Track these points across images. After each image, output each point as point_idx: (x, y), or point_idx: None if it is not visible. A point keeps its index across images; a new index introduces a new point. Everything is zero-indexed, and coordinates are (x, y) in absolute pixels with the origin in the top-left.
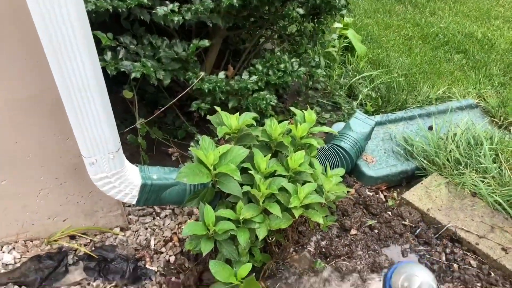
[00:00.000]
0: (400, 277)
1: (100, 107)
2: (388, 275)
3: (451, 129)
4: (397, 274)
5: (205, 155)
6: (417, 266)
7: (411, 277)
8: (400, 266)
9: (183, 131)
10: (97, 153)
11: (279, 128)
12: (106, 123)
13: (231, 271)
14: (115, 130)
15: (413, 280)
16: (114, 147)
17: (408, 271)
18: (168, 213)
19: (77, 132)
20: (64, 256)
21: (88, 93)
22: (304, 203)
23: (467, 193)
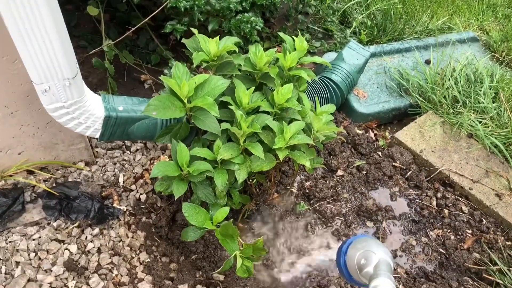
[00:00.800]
0: (356, 252)
1: (50, 25)
2: (343, 249)
3: (449, 64)
4: (354, 249)
5: (178, 85)
6: (374, 242)
7: (368, 254)
8: (356, 240)
9: (157, 55)
10: (50, 79)
11: (265, 57)
12: (59, 45)
13: (206, 215)
14: (71, 53)
15: (370, 257)
16: (70, 72)
17: (365, 247)
18: (140, 147)
19: (24, 54)
20: (20, 193)
21: (35, 8)
22: (290, 143)
23: (463, 134)
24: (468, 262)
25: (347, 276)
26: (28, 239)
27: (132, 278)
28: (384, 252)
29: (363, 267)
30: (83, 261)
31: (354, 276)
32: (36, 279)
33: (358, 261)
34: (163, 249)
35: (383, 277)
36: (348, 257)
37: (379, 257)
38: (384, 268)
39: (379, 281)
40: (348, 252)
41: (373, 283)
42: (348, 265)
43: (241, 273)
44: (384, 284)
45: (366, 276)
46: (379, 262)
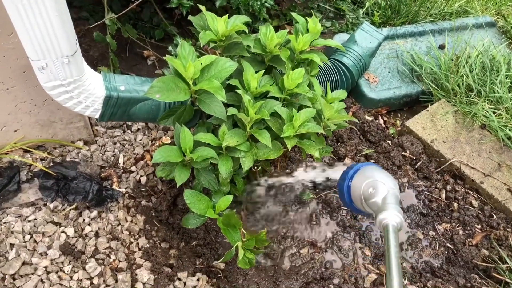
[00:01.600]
0: (364, 180)
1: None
2: (349, 173)
3: (465, 50)
4: (361, 176)
5: (183, 66)
6: (383, 172)
7: (377, 183)
8: (365, 168)
9: (161, 30)
10: (47, 56)
11: (276, 38)
12: (57, 19)
13: (209, 203)
14: (70, 27)
15: (379, 187)
16: (69, 49)
17: (375, 177)
18: (141, 126)
19: (19, 28)
20: (16, 172)
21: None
22: (299, 132)
23: (476, 125)
24: (477, 258)
25: (348, 201)
26: (23, 221)
27: (130, 264)
28: (393, 184)
29: (370, 197)
30: (80, 245)
31: (357, 203)
32: (31, 262)
33: (365, 190)
34: (162, 234)
35: (392, 210)
36: (354, 183)
37: (388, 188)
38: (393, 200)
39: (388, 213)
40: (354, 178)
41: (382, 215)
42: (352, 191)
43: (243, 264)
44: (393, 217)
45: (373, 206)
46: (388, 194)
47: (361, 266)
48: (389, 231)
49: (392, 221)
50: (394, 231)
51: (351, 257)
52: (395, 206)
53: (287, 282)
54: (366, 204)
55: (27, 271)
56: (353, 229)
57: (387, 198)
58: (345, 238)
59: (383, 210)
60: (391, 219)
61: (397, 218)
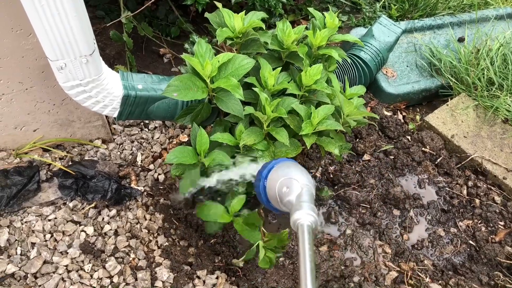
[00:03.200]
0: (278, 179)
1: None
2: (263, 173)
3: (485, 43)
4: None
5: (201, 64)
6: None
7: (290, 181)
8: (278, 166)
9: (177, 28)
10: (66, 56)
11: (293, 34)
12: (76, 19)
13: (221, 209)
14: (88, 27)
15: (292, 185)
16: (87, 49)
17: (288, 174)
18: (158, 124)
19: (38, 28)
20: (36, 172)
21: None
22: (318, 129)
23: (498, 119)
24: (500, 256)
25: (265, 202)
26: (43, 220)
27: (149, 262)
28: (308, 180)
29: (284, 196)
30: (99, 244)
31: (274, 203)
32: (52, 261)
33: (279, 189)
34: (181, 232)
35: (305, 209)
36: (269, 182)
37: (301, 185)
38: (307, 198)
39: (301, 213)
40: (269, 177)
41: (295, 215)
42: (268, 190)
43: (263, 264)
44: (307, 217)
45: (288, 205)
46: (302, 191)
47: (381, 263)
48: (303, 232)
49: (306, 221)
50: (308, 232)
51: (371, 254)
52: (309, 205)
53: None
54: (282, 204)
55: (48, 269)
56: (372, 226)
57: (301, 196)
58: (365, 236)
59: (297, 210)
60: (305, 218)
61: (311, 217)
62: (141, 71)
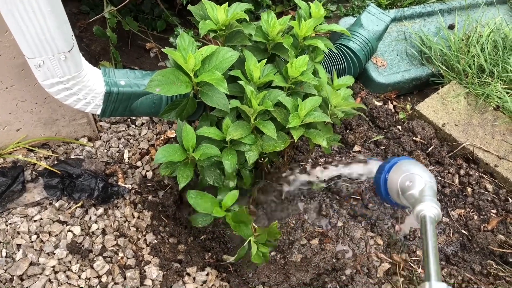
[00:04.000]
0: (401, 174)
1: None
2: (386, 167)
3: (475, 29)
4: (398, 170)
5: (183, 57)
6: (420, 166)
7: (414, 176)
8: (401, 162)
9: (163, 22)
10: (43, 53)
11: (278, 25)
12: (50, 13)
13: (214, 201)
14: (65, 22)
15: (416, 180)
16: (65, 46)
17: (411, 170)
18: (145, 120)
19: (12, 25)
20: (20, 172)
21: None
22: (305, 121)
23: (489, 107)
24: (492, 244)
25: (384, 194)
26: (29, 221)
27: (138, 260)
28: (430, 177)
29: (407, 189)
30: (87, 243)
31: (393, 195)
32: (38, 262)
33: (402, 183)
34: (170, 230)
35: (429, 201)
36: (391, 176)
37: (425, 181)
38: (430, 193)
39: (425, 205)
40: (391, 171)
41: (419, 206)
42: (389, 184)
43: (257, 259)
44: (431, 209)
45: (409, 199)
46: (425, 187)
47: (373, 255)
48: (426, 223)
49: (429, 213)
50: (432, 223)
51: (362, 246)
52: (432, 198)
53: (298, 274)
54: (403, 197)
55: (35, 271)
56: (364, 218)
57: (424, 190)
58: (356, 228)
59: (421, 202)
60: (429, 210)
61: (435, 210)
62: (127, 66)
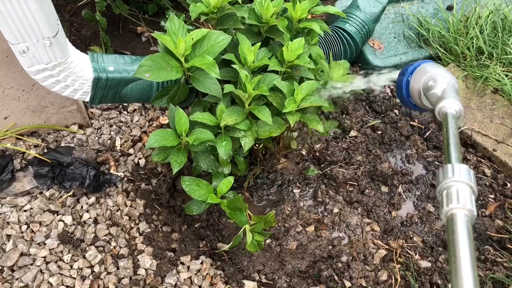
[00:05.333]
0: (425, 74)
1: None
2: (409, 69)
3: (474, 10)
4: (422, 70)
5: (173, 42)
6: (443, 68)
7: (437, 77)
8: (425, 64)
9: (154, 5)
10: (27, 38)
11: (272, 7)
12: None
13: (209, 187)
14: (49, 6)
15: (439, 80)
16: (50, 31)
17: (435, 71)
18: (138, 107)
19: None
20: (9, 161)
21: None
22: (302, 106)
23: (488, 90)
24: (490, 229)
25: (405, 95)
26: (19, 211)
27: (131, 250)
28: (453, 78)
29: (430, 89)
30: (78, 233)
31: (415, 96)
32: (29, 253)
33: (425, 82)
34: (164, 218)
35: (452, 98)
36: (414, 77)
37: (448, 81)
38: (453, 91)
39: (448, 101)
40: (415, 72)
41: (441, 103)
42: (411, 85)
43: (252, 248)
44: (453, 105)
45: (431, 98)
46: (448, 86)
47: (369, 242)
48: (448, 118)
49: (451, 109)
50: (453, 118)
51: (359, 233)
52: (455, 96)
53: (294, 262)
54: (425, 97)
55: (26, 262)
56: (360, 204)
57: (446, 89)
58: (353, 214)
59: (443, 99)
60: (451, 106)
61: (457, 106)
62: (118, 51)
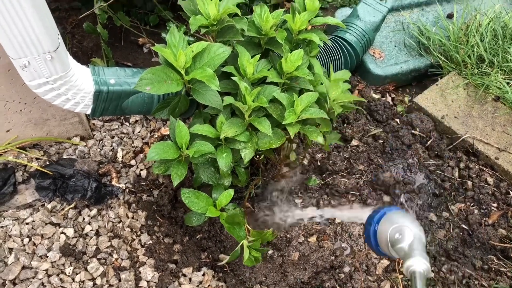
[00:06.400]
0: (391, 225)
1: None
2: (375, 218)
3: (475, 18)
4: (388, 221)
5: (174, 55)
6: (409, 217)
7: (403, 229)
8: (391, 213)
9: (155, 16)
10: (28, 53)
11: (271, 19)
12: (34, 13)
13: (208, 200)
14: (49, 21)
15: (405, 233)
16: (51, 45)
17: (401, 222)
18: (139, 118)
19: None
20: (11, 174)
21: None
22: (302, 117)
23: (489, 98)
24: (494, 239)
25: (374, 245)
26: (21, 224)
27: (133, 262)
28: (419, 229)
29: (396, 242)
30: (80, 245)
31: (383, 247)
32: (31, 266)
33: (391, 235)
34: (165, 229)
35: (418, 256)
36: (381, 227)
37: (414, 233)
38: (419, 247)
39: (415, 260)
40: (381, 222)
41: (408, 262)
42: (378, 235)
43: (249, 262)
44: (419, 264)
45: (399, 252)
46: (414, 240)
47: (372, 252)
48: (416, 278)
49: (419, 268)
50: (421, 278)
51: (361, 243)
52: (421, 253)
53: (296, 273)
54: (392, 250)
55: (28, 275)
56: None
57: (413, 244)
58: (355, 224)
59: (410, 257)
60: (418, 266)
61: (424, 265)
62: (120, 62)
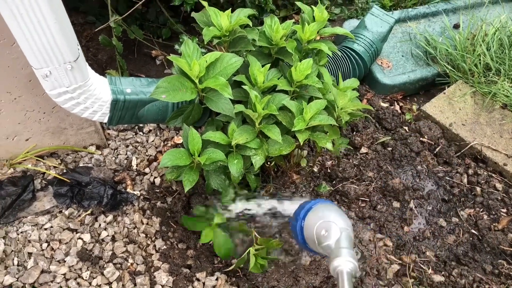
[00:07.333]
0: (317, 221)
1: (44, 4)
2: (301, 214)
3: (481, 28)
4: (314, 216)
5: (188, 64)
6: (336, 211)
7: (329, 225)
8: (317, 207)
9: (168, 29)
10: (50, 63)
11: (281, 30)
12: (56, 26)
13: (203, 225)
14: (70, 33)
15: (331, 229)
16: (71, 55)
17: (327, 217)
18: (153, 127)
19: (19, 37)
20: (30, 181)
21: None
22: (311, 124)
23: (496, 105)
24: (503, 244)
25: (301, 242)
26: (39, 229)
27: (148, 266)
28: (345, 223)
29: (323, 240)
30: (97, 250)
31: (311, 244)
32: (49, 270)
33: (317, 232)
34: (179, 235)
35: (345, 255)
36: (307, 224)
37: (340, 229)
38: (346, 244)
39: (341, 260)
40: (306, 218)
41: (335, 262)
42: (305, 232)
43: (255, 270)
44: (346, 264)
45: (326, 250)
46: (341, 236)
47: (382, 257)
48: (343, 279)
49: (346, 268)
50: (348, 278)
51: (372, 248)
52: (348, 251)
53: (308, 278)
54: (320, 247)
55: (46, 279)
56: (372, 220)
57: (340, 241)
58: (365, 229)
59: (337, 256)
60: (345, 265)
61: (351, 264)
62: (133, 74)
